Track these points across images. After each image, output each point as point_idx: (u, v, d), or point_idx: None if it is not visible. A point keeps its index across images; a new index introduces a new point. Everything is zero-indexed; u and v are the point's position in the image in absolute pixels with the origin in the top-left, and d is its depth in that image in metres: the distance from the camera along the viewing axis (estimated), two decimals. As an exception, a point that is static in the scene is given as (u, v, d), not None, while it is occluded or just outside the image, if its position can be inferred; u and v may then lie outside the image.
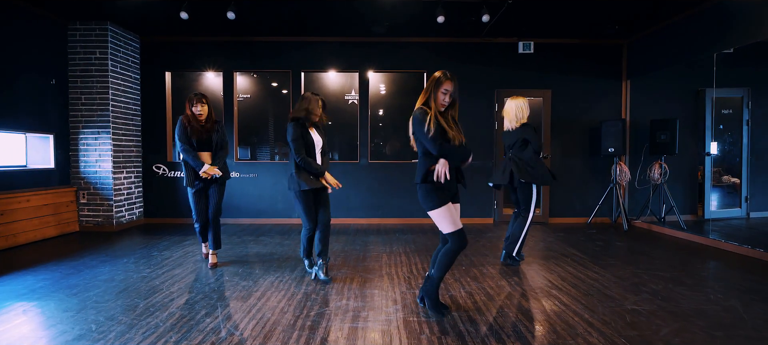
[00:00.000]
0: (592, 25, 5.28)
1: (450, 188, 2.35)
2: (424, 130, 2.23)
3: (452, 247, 2.32)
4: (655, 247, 4.33)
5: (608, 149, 5.57)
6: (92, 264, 3.61)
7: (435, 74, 2.32)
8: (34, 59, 4.68)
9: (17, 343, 2.10)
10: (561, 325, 2.33)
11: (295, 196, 3.00)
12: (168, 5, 4.55)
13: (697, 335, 2.20)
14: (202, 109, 3.30)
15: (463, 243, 2.30)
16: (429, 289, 2.46)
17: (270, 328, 2.29)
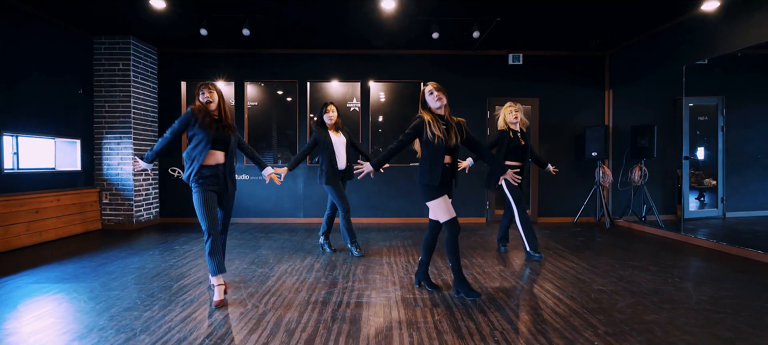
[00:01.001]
0: (576, 38, 5.74)
1: (443, 185, 2.76)
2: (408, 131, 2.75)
3: (449, 235, 2.72)
4: (632, 243, 4.75)
5: (592, 153, 6.01)
6: (122, 255, 4.02)
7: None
8: (63, 71, 5.11)
9: (81, 312, 2.51)
10: (535, 300, 2.75)
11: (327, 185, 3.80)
12: (187, 22, 4.99)
13: (647, 307, 2.62)
14: (210, 96, 2.72)
15: (457, 228, 2.72)
16: (456, 280, 2.79)
17: (288, 303, 2.71)
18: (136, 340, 2.16)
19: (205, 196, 2.67)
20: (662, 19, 4.98)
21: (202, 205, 2.65)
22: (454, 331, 2.26)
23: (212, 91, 2.75)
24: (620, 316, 2.46)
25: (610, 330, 2.27)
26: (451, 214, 2.73)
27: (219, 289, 2.68)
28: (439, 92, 2.70)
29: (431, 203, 2.75)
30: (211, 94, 2.73)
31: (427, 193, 2.73)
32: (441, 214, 2.73)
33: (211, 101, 2.73)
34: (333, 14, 4.80)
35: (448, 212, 2.73)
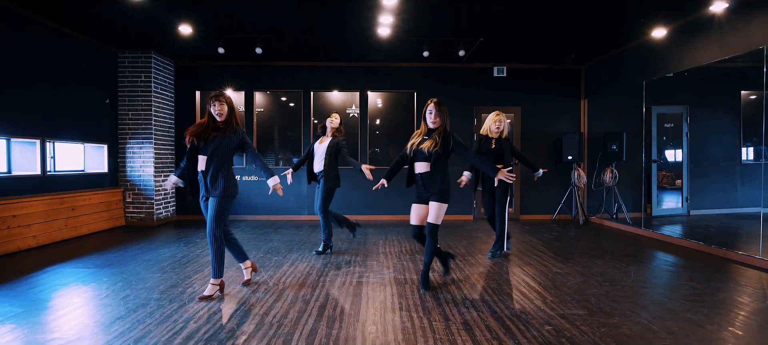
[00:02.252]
0: (554, 53, 6.39)
1: (418, 192, 3.17)
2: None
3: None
4: (599, 237, 5.41)
5: (568, 157, 6.66)
6: (152, 247, 4.63)
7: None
8: (91, 82, 5.71)
9: (133, 289, 3.13)
10: (502, 279, 3.39)
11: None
12: (204, 40, 5.60)
13: (591, 284, 3.27)
14: (220, 109, 2.90)
15: (411, 233, 3.21)
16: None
17: (301, 282, 3.33)
18: (186, 306, 2.77)
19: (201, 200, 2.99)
20: (623, 41, 5.65)
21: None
22: (434, 300, 2.90)
23: (223, 104, 2.90)
24: (567, 291, 3.11)
25: (555, 300, 2.92)
26: (412, 221, 3.18)
27: (210, 288, 2.95)
28: (432, 113, 3.04)
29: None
30: (222, 106, 2.89)
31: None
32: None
33: (222, 113, 2.90)
34: (335, 35, 5.43)
35: (412, 218, 3.19)
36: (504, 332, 2.37)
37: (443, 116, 3.07)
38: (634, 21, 4.81)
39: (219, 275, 2.98)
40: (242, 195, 6.90)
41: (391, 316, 2.61)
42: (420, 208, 3.16)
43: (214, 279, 2.98)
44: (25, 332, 2.36)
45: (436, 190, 3.05)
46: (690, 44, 4.71)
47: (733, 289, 3.19)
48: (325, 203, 4.20)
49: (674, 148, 7.29)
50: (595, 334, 2.34)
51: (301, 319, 2.57)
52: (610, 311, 2.69)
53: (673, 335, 2.34)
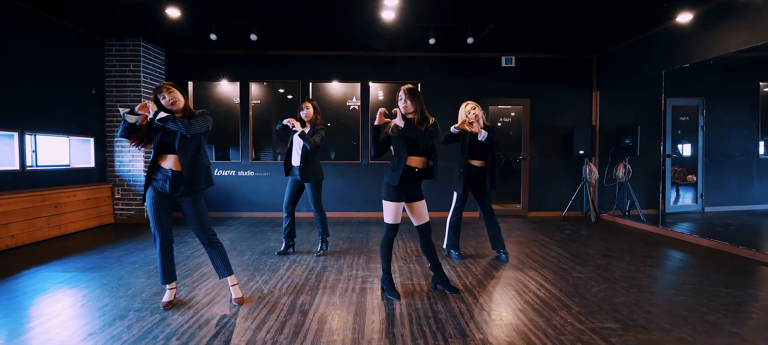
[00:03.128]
0: (565, 42, 6.06)
1: (405, 188, 2.80)
2: None
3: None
4: (614, 235, 5.12)
5: (579, 151, 6.36)
6: (139, 247, 4.33)
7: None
8: (76, 72, 5.37)
9: (114, 297, 2.82)
10: (519, 286, 3.09)
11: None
12: (196, 26, 5.25)
13: (617, 291, 2.97)
14: (172, 97, 2.51)
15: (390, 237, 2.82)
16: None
17: (299, 288, 3.03)
18: (169, 319, 2.47)
19: (153, 199, 2.56)
20: (643, 28, 5.31)
21: (148, 208, 2.60)
22: (448, 312, 2.60)
23: (172, 91, 2.52)
24: (593, 299, 2.81)
25: (582, 310, 2.62)
26: (395, 219, 2.80)
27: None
28: (402, 99, 2.74)
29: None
30: (172, 94, 2.51)
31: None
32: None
33: (175, 101, 2.50)
34: (336, 22, 5.08)
35: (396, 216, 2.81)
36: (530, 351, 2.08)
37: (416, 103, 2.72)
38: (657, 6, 4.48)
39: (231, 271, 2.76)
40: (238, 191, 6.59)
41: (400, 331, 2.31)
42: (400, 206, 2.79)
43: (231, 277, 2.74)
44: (-19, 352, 2.06)
45: (420, 186, 2.90)
46: (718, 30, 4.38)
47: (774, 296, 2.90)
48: (318, 200, 3.91)
49: (689, 142, 6.99)
50: (634, 354, 2.05)
51: (299, 335, 2.27)
52: (646, 325, 2.40)
53: (724, 355, 2.05)
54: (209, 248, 2.70)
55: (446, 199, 5.82)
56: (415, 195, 2.85)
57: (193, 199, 2.60)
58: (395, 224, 2.82)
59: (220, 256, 2.71)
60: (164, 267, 2.67)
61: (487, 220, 3.88)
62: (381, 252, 2.88)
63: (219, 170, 6.56)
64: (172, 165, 2.53)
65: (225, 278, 2.75)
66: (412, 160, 2.79)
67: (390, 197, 2.78)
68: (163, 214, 2.60)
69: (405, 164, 2.77)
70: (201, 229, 2.64)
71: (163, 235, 2.62)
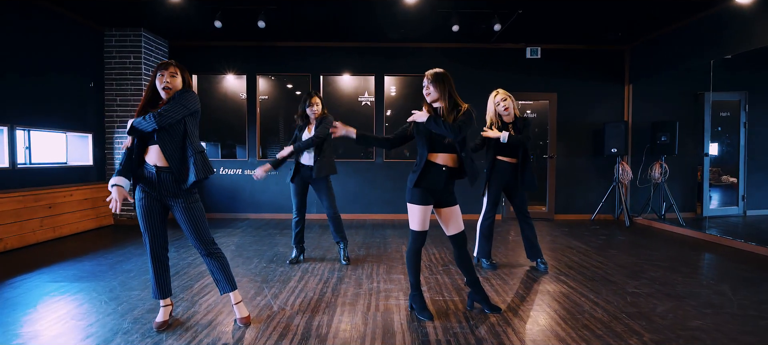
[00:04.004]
0: (595, 32, 5.59)
1: (432, 190, 2.37)
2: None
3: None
4: (655, 241, 4.65)
5: (611, 150, 5.88)
6: (137, 253, 3.95)
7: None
8: (73, 64, 5.02)
9: (103, 314, 2.44)
10: (569, 304, 2.66)
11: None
12: (200, 14, 4.88)
13: (688, 312, 2.52)
14: (171, 82, 2.13)
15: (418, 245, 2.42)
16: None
17: (314, 304, 2.62)
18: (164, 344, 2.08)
19: (141, 200, 2.17)
20: (690, 11, 4.82)
21: (137, 210, 2.21)
22: (493, 336, 2.18)
23: (174, 75, 2.13)
24: (663, 324, 2.36)
25: (655, 337, 2.18)
26: (421, 226, 2.39)
27: (243, 307, 2.36)
28: (425, 86, 2.37)
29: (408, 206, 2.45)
30: (173, 78, 2.12)
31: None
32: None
33: (172, 87, 2.12)
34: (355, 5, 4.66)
35: (422, 222, 2.40)
36: (610, 397, 1.64)
37: (441, 90, 2.32)
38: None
39: (235, 285, 2.32)
40: (244, 191, 6.21)
41: (441, 365, 1.89)
42: (427, 210, 2.37)
43: (234, 293, 2.31)
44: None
45: (453, 190, 2.47)
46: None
47: None
48: (333, 198, 3.50)
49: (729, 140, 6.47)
50: (746, 404, 1.60)
51: (317, 369, 1.86)
52: (742, 359, 1.95)
53: None
54: (208, 259, 2.28)
55: (472, 200, 5.39)
56: (445, 199, 2.41)
57: (186, 202, 2.18)
58: (421, 231, 2.39)
59: (220, 269, 2.29)
60: (157, 280, 2.27)
61: (522, 225, 3.44)
62: (407, 264, 2.46)
63: (224, 169, 6.18)
64: (156, 159, 2.10)
65: (227, 294, 2.35)
66: (437, 157, 2.36)
67: (412, 199, 2.37)
68: (154, 217, 2.20)
69: (426, 161, 2.35)
70: (197, 237, 2.21)
71: (154, 242, 2.23)
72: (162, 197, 2.16)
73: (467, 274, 2.50)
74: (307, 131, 3.48)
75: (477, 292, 2.52)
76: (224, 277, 2.30)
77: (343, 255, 3.62)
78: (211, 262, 2.28)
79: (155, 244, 2.24)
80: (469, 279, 2.51)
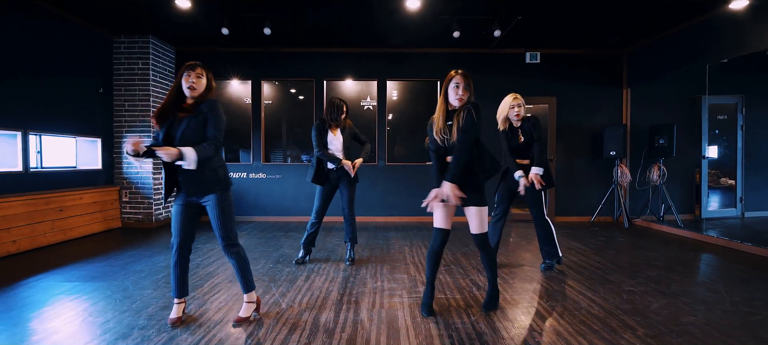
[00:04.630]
0: (594, 37, 5.70)
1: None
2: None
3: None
4: (653, 242, 4.73)
5: (610, 152, 5.97)
6: (147, 254, 4.06)
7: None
8: (83, 70, 5.15)
9: (118, 311, 2.54)
10: (568, 302, 2.75)
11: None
12: (207, 21, 5.01)
13: (682, 308, 2.61)
14: (197, 83, 2.26)
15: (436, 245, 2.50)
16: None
17: (321, 303, 2.72)
18: (177, 339, 2.18)
19: (177, 208, 2.30)
20: (686, 17, 4.93)
21: (173, 209, 2.34)
22: (493, 332, 2.27)
23: (200, 77, 2.26)
24: (657, 319, 2.45)
25: (649, 332, 2.27)
26: (438, 223, 2.49)
27: (247, 307, 2.44)
28: (460, 86, 2.37)
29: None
30: (198, 80, 2.24)
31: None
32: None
33: (196, 88, 2.23)
34: (357, 13, 4.79)
35: (438, 220, 2.49)
36: (604, 386, 1.74)
37: (471, 91, 2.39)
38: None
39: (252, 287, 2.43)
40: (249, 194, 6.32)
41: (444, 358, 1.99)
42: (448, 208, 2.46)
43: (248, 295, 2.42)
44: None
45: (474, 190, 2.40)
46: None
47: None
48: (353, 200, 3.70)
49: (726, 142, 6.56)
50: (732, 392, 1.69)
51: (326, 361, 1.96)
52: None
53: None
54: (227, 254, 2.36)
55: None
56: (466, 199, 2.39)
57: (218, 197, 2.28)
58: (439, 228, 2.46)
59: (239, 270, 2.39)
60: (178, 278, 2.36)
61: (536, 224, 3.45)
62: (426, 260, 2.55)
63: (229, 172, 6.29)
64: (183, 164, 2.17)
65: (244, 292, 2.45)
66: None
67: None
68: (185, 222, 2.31)
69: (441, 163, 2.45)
70: (220, 232, 2.30)
71: (182, 246, 2.32)
72: (197, 198, 2.29)
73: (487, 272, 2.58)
74: (332, 133, 3.63)
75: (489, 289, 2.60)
76: (240, 279, 2.40)
77: (349, 255, 3.72)
78: (230, 258, 2.37)
79: (183, 247, 2.33)
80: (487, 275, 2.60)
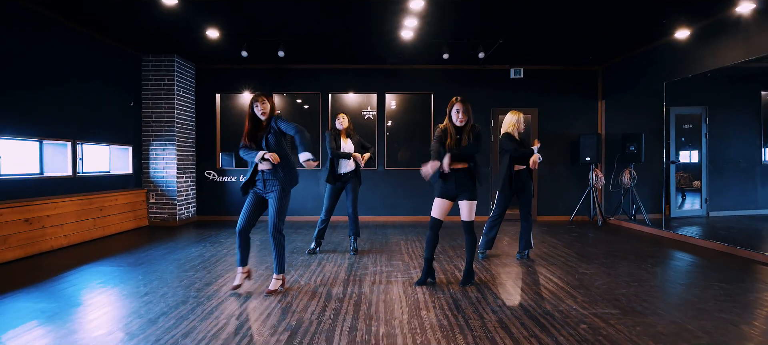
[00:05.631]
0: (571, 55, 6.40)
1: (447, 188, 3.16)
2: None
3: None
4: (618, 238, 5.41)
5: (586, 158, 6.66)
6: (179, 246, 4.73)
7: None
8: (117, 85, 5.85)
9: (170, 287, 3.21)
10: (530, 280, 3.42)
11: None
12: (227, 43, 5.70)
13: (619, 285, 3.28)
14: (263, 108, 2.98)
15: (431, 225, 3.21)
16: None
17: (332, 280, 3.40)
18: (224, 304, 2.85)
19: (248, 197, 3.10)
20: (644, 42, 5.64)
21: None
22: (466, 300, 2.94)
23: (265, 102, 2.98)
24: (596, 291, 3.13)
25: (586, 299, 2.94)
26: (435, 213, 3.19)
27: (275, 282, 3.09)
28: (459, 111, 3.12)
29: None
30: (264, 105, 2.97)
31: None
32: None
33: (265, 112, 2.97)
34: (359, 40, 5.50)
35: (435, 211, 3.20)
36: (540, 330, 2.41)
37: (469, 113, 3.15)
38: (656, 22, 4.81)
39: (282, 270, 3.11)
40: (261, 196, 6.99)
41: (427, 314, 2.66)
42: (445, 203, 3.18)
43: (278, 275, 3.10)
44: (69, 329, 2.45)
45: (469, 188, 3.14)
46: (714, 45, 4.70)
47: (764, 289, 3.19)
48: (357, 201, 4.38)
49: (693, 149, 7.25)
50: (631, 333, 2.37)
51: (339, 316, 2.63)
52: (642, 311, 2.71)
53: (709, 334, 2.36)
54: (272, 238, 3.02)
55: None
56: (462, 194, 3.15)
57: (278, 192, 3.00)
58: (434, 218, 3.19)
59: (277, 253, 3.07)
60: (241, 252, 3.08)
61: (522, 217, 4.13)
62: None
63: (242, 177, 6.97)
64: (263, 165, 2.98)
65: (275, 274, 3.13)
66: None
67: (435, 194, 3.22)
68: (250, 208, 3.05)
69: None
70: (274, 216, 2.99)
71: (244, 224, 3.03)
72: (265, 192, 3.02)
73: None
74: (343, 141, 4.32)
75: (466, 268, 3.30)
76: (276, 260, 3.10)
77: (353, 246, 4.39)
78: (273, 243, 3.06)
79: (244, 226, 3.03)
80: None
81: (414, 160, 7.07)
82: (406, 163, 7.10)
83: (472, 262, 3.28)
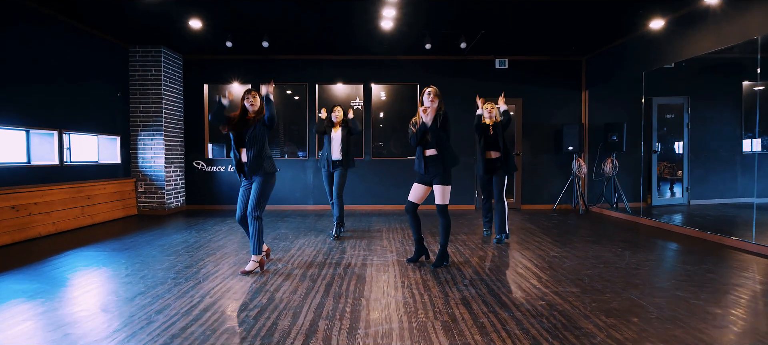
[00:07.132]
0: (555, 45, 6.48)
1: (421, 174, 3.38)
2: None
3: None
4: (597, 225, 5.53)
5: (569, 147, 6.77)
6: (166, 233, 4.83)
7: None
8: (104, 76, 5.90)
9: (152, 270, 3.31)
10: (500, 262, 3.54)
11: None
12: (212, 34, 5.75)
13: (585, 266, 3.41)
14: (254, 101, 3.25)
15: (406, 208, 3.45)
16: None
17: (309, 264, 3.50)
18: (201, 284, 2.95)
19: (241, 187, 3.32)
20: (623, 32, 5.72)
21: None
22: (435, 279, 3.05)
23: (256, 97, 3.27)
24: (562, 272, 3.25)
25: (550, 279, 3.06)
26: (410, 197, 3.43)
27: (251, 264, 3.25)
28: (430, 93, 3.30)
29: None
30: (255, 99, 3.26)
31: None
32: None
33: (255, 105, 3.25)
34: (340, 30, 5.56)
35: (410, 195, 3.44)
36: (499, 306, 2.53)
37: (439, 98, 3.33)
38: (632, 13, 4.89)
39: (259, 252, 3.24)
40: (250, 186, 7.08)
41: (394, 293, 2.77)
42: (420, 188, 3.40)
43: (255, 256, 3.23)
44: (53, 305, 2.56)
45: (439, 172, 3.29)
46: (688, 35, 4.79)
47: (724, 270, 3.32)
48: (343, 187, 4.55)
49: (675, 138, 7.37)
50: (585, 308, 2.49)
51: (309, 295, 2.74)
52: (601, 289, 2.84)
53: (660, 309, 2.48)
54: (250, 219, 3.19)
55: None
56: (434, 179, 3.34)
57: (261, 179, 3.19)
58: (409, 200, 3.42)
59: (254, 234, 3.19)
60: (254, 239, 3.23)
61: (496, 199, 4.36)
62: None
63: (231, 167, 7.05)
64: (244, 157, 3.20)
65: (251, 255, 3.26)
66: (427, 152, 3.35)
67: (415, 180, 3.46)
68: (244, 197, 3.27)
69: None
70: (253, 199, 3.17)
71: (239, 215, 3.27)
72: (249, 180, 3.26)
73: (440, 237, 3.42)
74: (334, 131, 4.55)
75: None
76: (253, 242, 3.22)
77: (335, 232, 4.50)
78: (251, 225, 3.20)
79: (242, 214, 3.25)
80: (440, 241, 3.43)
81: (400, 150, 7.16)
82: (392, 152, 7.20)
83: (446, 244, 3.39)
